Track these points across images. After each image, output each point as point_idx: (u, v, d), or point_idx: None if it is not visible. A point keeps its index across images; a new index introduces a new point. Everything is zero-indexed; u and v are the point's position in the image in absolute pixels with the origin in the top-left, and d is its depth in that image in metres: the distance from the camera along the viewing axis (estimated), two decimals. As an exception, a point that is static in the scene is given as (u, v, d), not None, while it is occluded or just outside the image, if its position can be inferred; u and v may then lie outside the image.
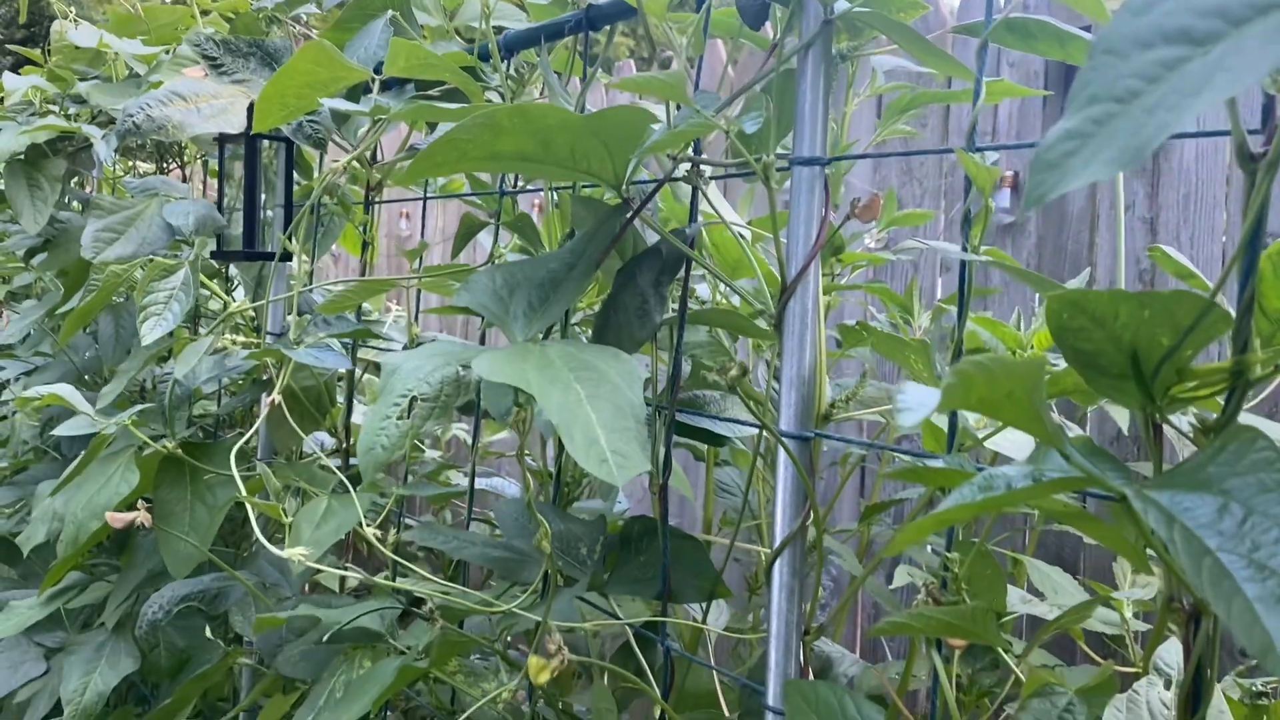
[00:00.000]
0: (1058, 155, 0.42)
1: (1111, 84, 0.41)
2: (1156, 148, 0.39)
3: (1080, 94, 0.42)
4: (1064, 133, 0.42)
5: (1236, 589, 0.42)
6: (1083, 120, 0.42)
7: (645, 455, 0.66)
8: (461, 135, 0.72)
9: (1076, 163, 0.41)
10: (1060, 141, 0.42)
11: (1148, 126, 0.40)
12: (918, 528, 0.52)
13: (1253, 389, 0.56)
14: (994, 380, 0.46)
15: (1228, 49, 0.39)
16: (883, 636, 1.68)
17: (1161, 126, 0.40)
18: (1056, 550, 1.79)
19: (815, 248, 0.77)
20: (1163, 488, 0.48)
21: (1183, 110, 0.39)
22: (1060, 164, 0.41)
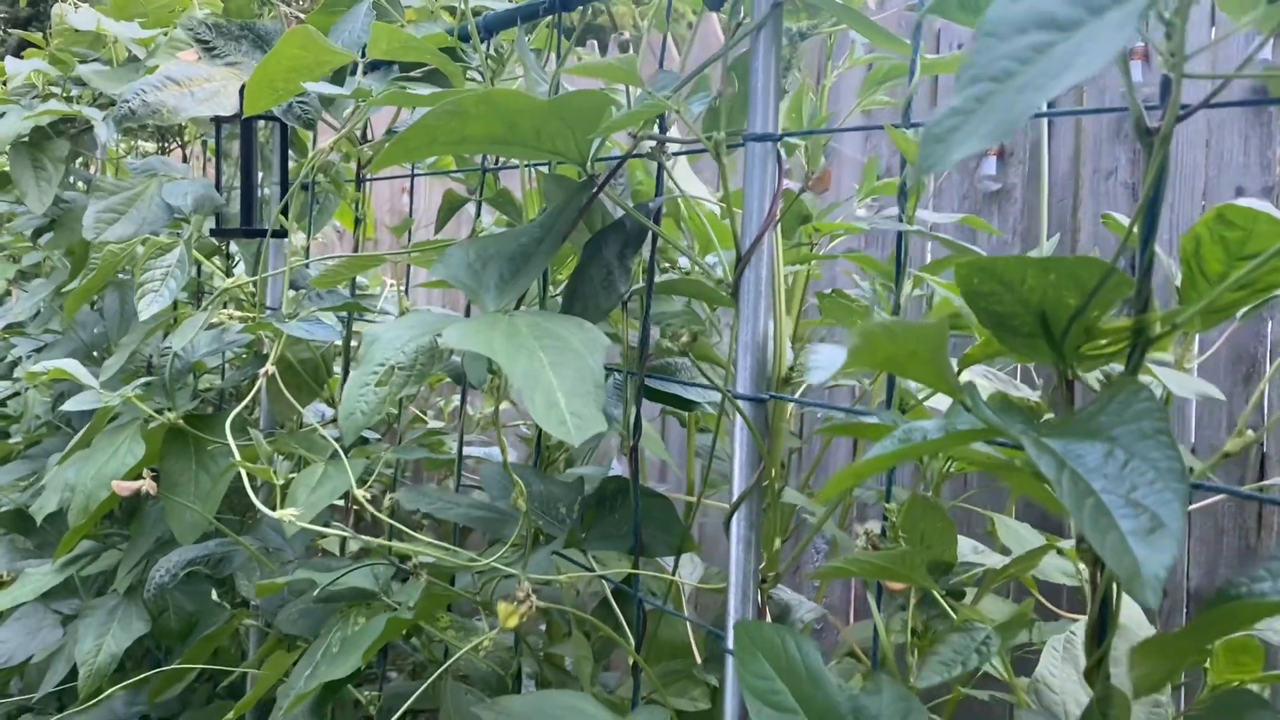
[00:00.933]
0: (944, 130, 0.46)
1: (990, 65, 0.46)
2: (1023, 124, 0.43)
3: (965, 73, 0.47)
4: (950, 110, 0.46)
5: (1113, 524, 0.47)
6: (966, 98, 0.46)
7: (602, 417, 0.71)
8: (432, 122, 0.77)
9: (959, 136, 0.45)
10: (947, 118, 0.46)
11: (1019, 104, 0.44)
12: (846, 475, 0.57)
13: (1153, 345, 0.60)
14: (898, 340, 0.51)
15: (1087, 34, 0.43)
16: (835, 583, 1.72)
17: (1030, 104, 0.44)
18: (1042, 513, 1.84)
19: (768, 220, 0.81)
20: (1058, 436, 0.53)
21: (1048, 90, 0.44)
22: (946, 138, 0.46)
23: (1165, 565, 0.44)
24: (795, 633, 0.69)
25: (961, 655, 0.65)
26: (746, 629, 0.72)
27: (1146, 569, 0.44)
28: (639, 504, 0.97)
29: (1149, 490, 0.48)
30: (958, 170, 2.42)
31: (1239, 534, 1.94)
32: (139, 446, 1.53)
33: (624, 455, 0.97)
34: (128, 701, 1.93)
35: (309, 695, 1.03)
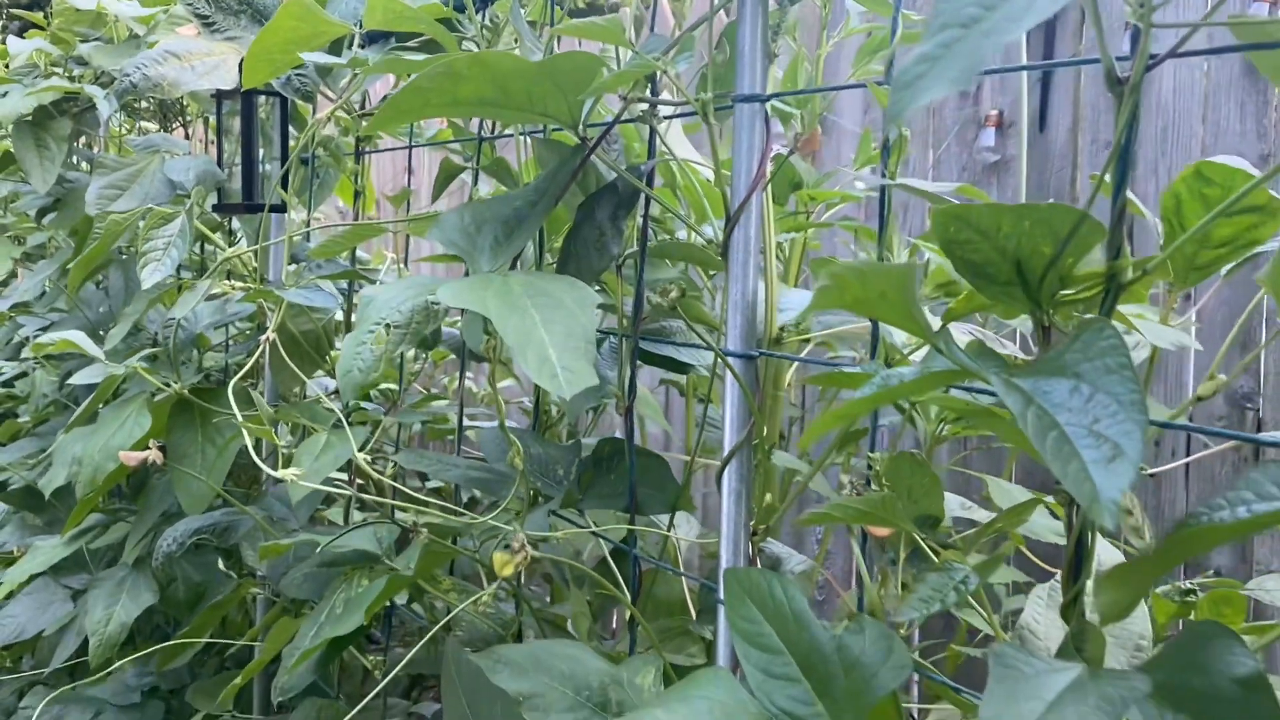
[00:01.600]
0: (911, 77, 0.48)
1: (958, 12, 0.47)
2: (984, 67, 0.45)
3: (935, 21, 0.48)
4: (919, 56, 0.48)
5: (1075, 454, 0.49)
6: (934, 45, 0.48)
7: (593, 371, 0.72)
8: (424, 84, 0.78)
9: (926, 82, 0.47)
10: (915, 65, 0.48)
11: (984, 47, 0.46)
12: (826, 420, 0.59)
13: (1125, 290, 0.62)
14: (867, 282, 0.53)
15: (1046, -18, 0.45)
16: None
17: (994, 47, 0.46)
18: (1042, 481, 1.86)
19: (756, 179, 0.83)
20: (1027, 375, 0.55)
21: (1011, 32, 0.45)
22: (913, 84, 0.48)
23: (1121, 489, 0.46)
24: (781, 577, 0.71)
25: (940, 593, 0.67)
26: (736, 575, 0.74)
27: (1104, 494, 0.46)
28: (634, 463, 0.99)
29: (1111, 421, 0.50)
30: (957, 142, 2.43)
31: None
32: (145, 419, 1.55)
33: (617, 413, 0.99)
34: (138, 673, 1.97)
35: (314, 651, 1.05)
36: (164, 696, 1.93)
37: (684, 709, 0.66)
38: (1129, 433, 0.49)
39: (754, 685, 0.69)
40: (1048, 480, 1.84)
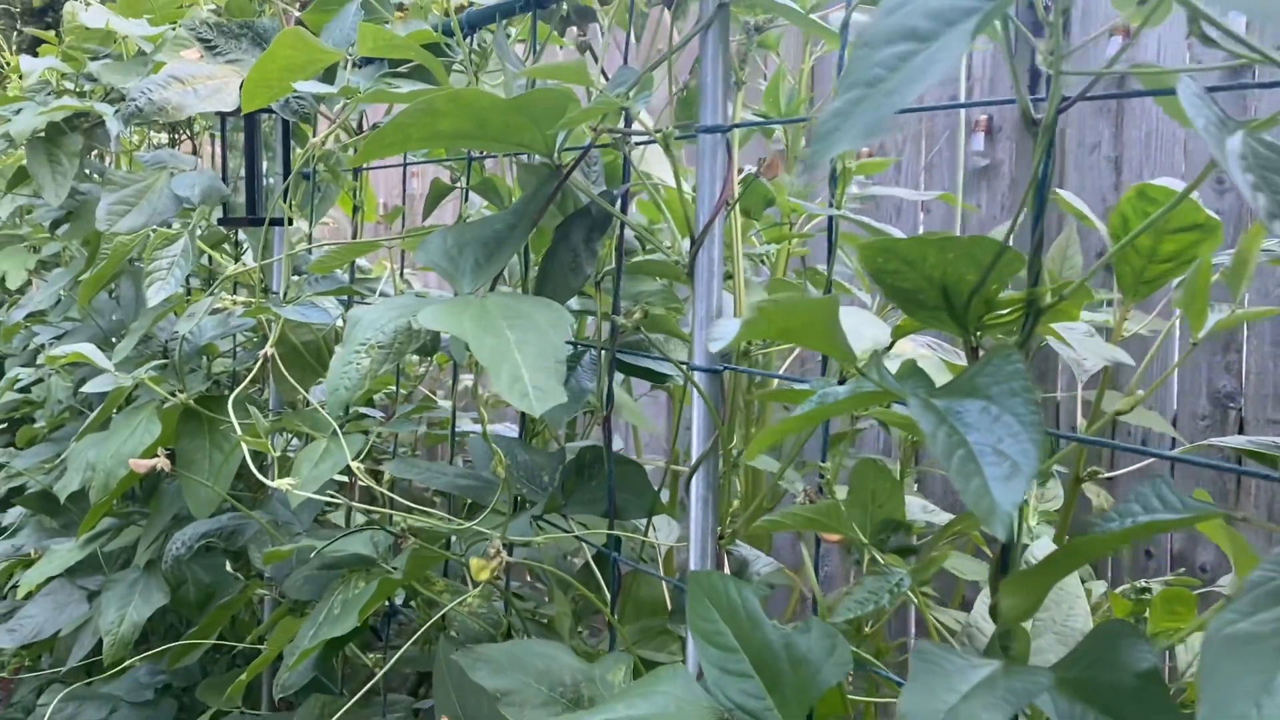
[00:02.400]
0: (826, 130, 0.53)
1: (865, 72, 0.52)
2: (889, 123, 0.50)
3: (845, 79, 0.53)
4: (832, 111, 0.53)
5: (978, 471, 0.54)
6: (844, 102, 0.53)
7: (562, 389, 0.78)
8: (406, 120, 0.84)
9: (838, 135, 0.52)
10: (829, 119, 0.53)
11: (886, 106, 0.51)
12: (770, 433, 0.64)
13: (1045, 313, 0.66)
14: (792, 313, 0.58)
15: (940, 45, 0.50)
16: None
17: (895, 105, 0.51)
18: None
19: (718, 205, 0.88)
20: (944, 396, 0.60)
21: (908, 93, 0.50)
22: (828, 136, 0.53)
23: (1016, 503, 0.51)
24: (737, 581, 0.76)
25: (875, 595, 0.72)
26: (698, 578, 0.79)
27: (1001, 507, 0.51)
28: (612, 471, 1.05)
29: (1013, 441, 0.55)
30: (948, 146, 2.47)
31: (1219, 495, 2.00)
32: (155, 426, 1.61)
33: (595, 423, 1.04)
34: (151, 671, 2.03)
35: (312, 651, 1.11)
36: (176, 694, 2.00)
37: (644, 704, 0.71)
38: (1026, 451, 0.54)
39: (711, 681, 0.74)
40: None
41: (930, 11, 0.50)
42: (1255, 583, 0.45)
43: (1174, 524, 0.54)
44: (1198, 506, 0.53)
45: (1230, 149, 0.51)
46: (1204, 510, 0.53)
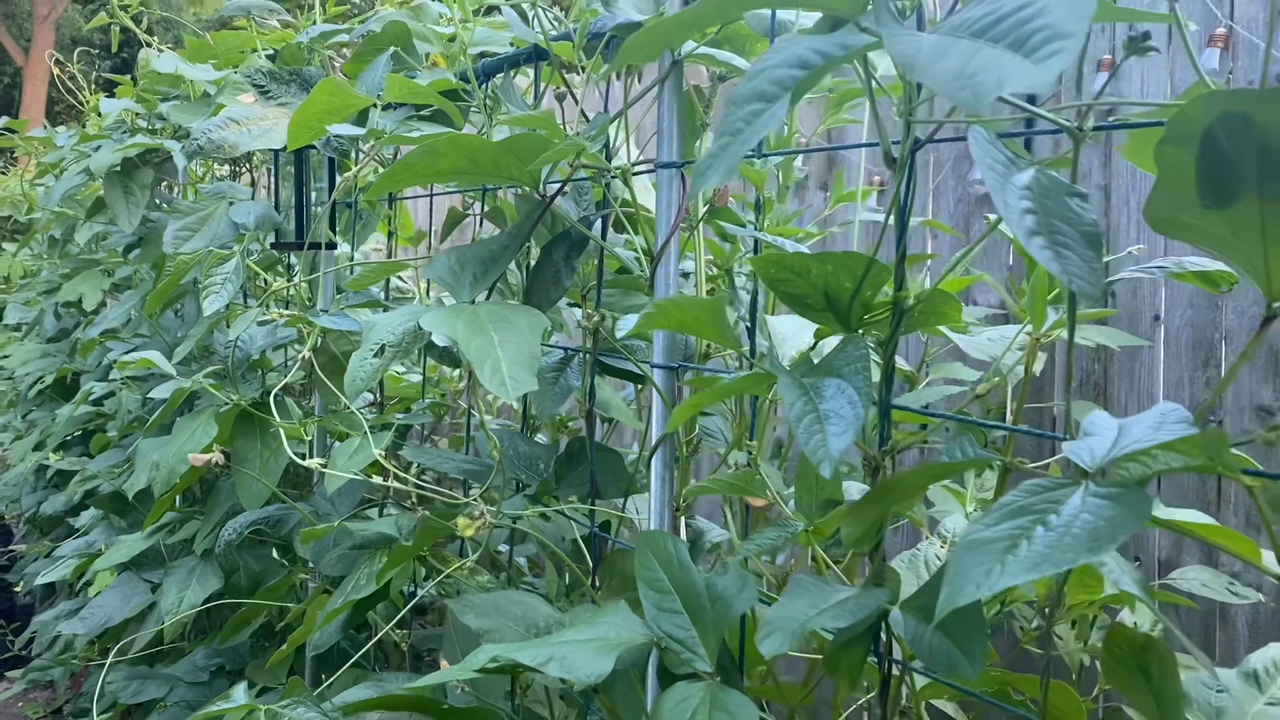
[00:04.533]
0: (703, 169, 0.70)
1: (730, 125, 0.69)
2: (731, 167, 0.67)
3: (720, 128, 0.70)
4: (707, 154, 0.70)
5: (822, 429, 0.70)
6: (716, 146, 0.70)
7: (534, 379, 0.95)
8: (411, 160, 1.02)
9: (710, 174, 0.69)
10: (705, 160, 0.70)
11: (740, 153, 0.68)
12: (683, 409, 0.81)
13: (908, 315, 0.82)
14: (685, 310, 0.74)
15: (779, 105, 0.67)
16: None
17: (744, 152, 0.67)
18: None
19: (673, 227, 1.05)
20: (812, 374, 0.76)
21: (753, 141, 0.67)
22: (703, 174, 0.69)
23: (843, 451, 0.67)
24: (674, 537, 0.93)
25: (773, 540, 0.88)
26: (645, 537, 0.95)
27: (831, 454, 0.67)
28: (594, 458, 1.21)
29: (850, 407, 0.71)
30: (953, 175, 2.61)
31: (1201, 504, 2.11)
32: (212, 428, 1.82)
33: (580, 415, 1.21)
34: (206, 655, 2.23)
35: (339, 612, 1.29)
36: (229, 675, 2.19)
37: (590, 631, 0.88)
38: (858, 414, 0.70)
39: (649, 617, 0.90)
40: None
41: (774, 79, 0.67)
42: (1002, 504, 0.61)
43: (957, 466, 0.69)
44: (979, 455, 0.68)
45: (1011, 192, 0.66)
46: (984, 457, 0.68)
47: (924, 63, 0.54)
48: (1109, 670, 0.76)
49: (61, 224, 3.55)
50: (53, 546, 3.51)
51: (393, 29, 1.52)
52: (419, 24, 1.56)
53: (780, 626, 0.71)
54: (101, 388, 3.11)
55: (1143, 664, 0.75)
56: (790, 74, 0.66)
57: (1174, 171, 0.63)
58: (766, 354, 0.77)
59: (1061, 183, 0.69)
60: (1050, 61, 0.48)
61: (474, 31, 1.49)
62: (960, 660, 0.70)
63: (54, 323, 3.99)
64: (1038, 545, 0.56)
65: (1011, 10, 0.54)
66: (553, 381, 1.22)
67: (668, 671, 0.93)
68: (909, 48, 0.55)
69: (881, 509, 0.73)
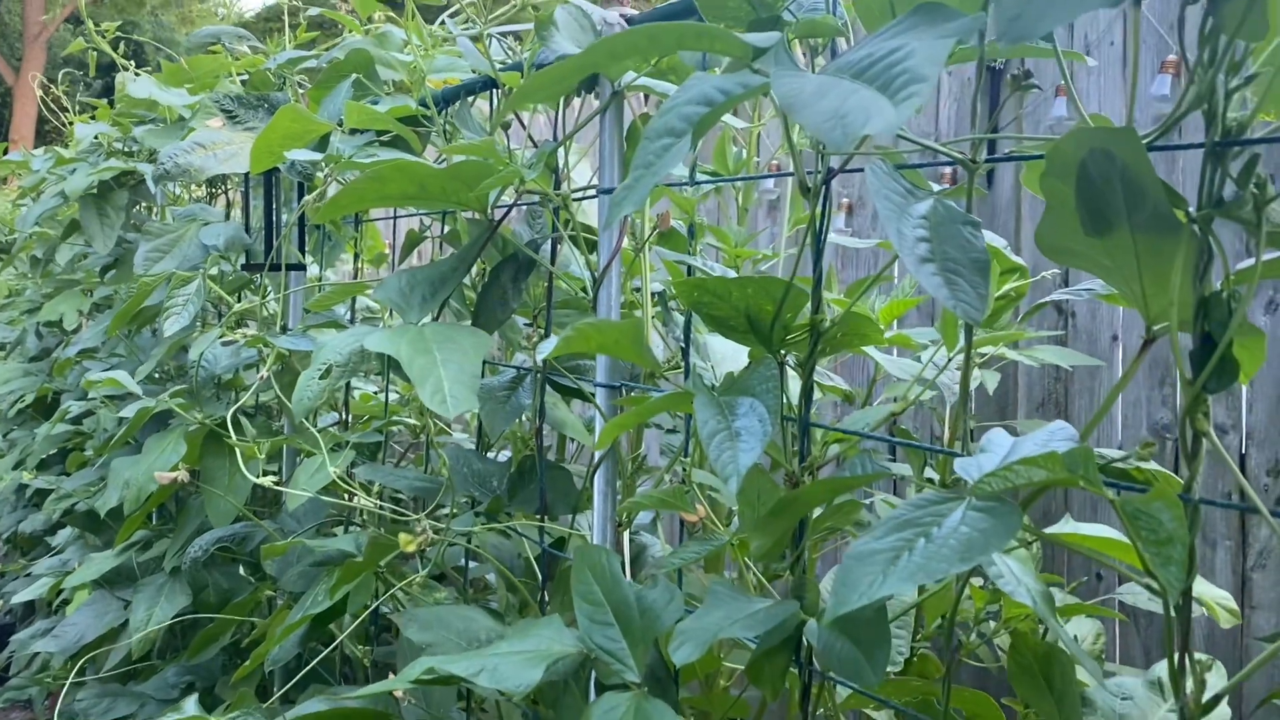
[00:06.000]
0: (618, 199, 0.73)
1: (643, 158, 0.73)
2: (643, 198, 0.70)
3: (634, 162, 0.74)
4: (623, 185, 0.73)
5: (733, 447, 0.73)
6: (631, 178, 0.73)
7: (474, 398, 0.98)
8: (359, 185, 1.05)
9: (624, 203, 0.72)
10: (620, 191, 0.73)
11: (650, 183, 0.71)
12: (611, 428, 0.84)
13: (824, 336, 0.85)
14: (604, 332, 0.78)
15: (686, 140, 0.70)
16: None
17: (655, 182, 0.71)
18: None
19: (614, 252, 1.08)
20: (727, 393, 0.79)
21: (660, 175, 0.70)
22: (619, 202, 0.73)
23: (749, 465, 0.70)
24: (608, 551, 0.96)
25: (697, 553, 0.91)
26: (581, 552, 0.98)
27: (739, 469, 0.71)
28: (544, 474, 1.24)
29: (759, 424, 0.74)
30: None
31: (1159, 522, 2.14)
32: (181, 447, 1.84)
33: (530, 432, 1.24)
34: (177, 673, 2.24)
35: (296, 627, 1.31)
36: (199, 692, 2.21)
37: (523, 643, 0.91)
38: (766, 431, 0.73)
39: (583, 629, 0.93)
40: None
41: (682, 115, 0.71)
42: (890, 516, 0.64)
43: (857, 481, 0.73)
44: (877, 469, 0.72)
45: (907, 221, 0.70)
46: (882, 472, 0.72)
47: (804, 103, 0.58)
48: (1014, 677, 0.79)
49: (43, 244, 3.58)
50: (31, 565, 3.52)
51: (355, 56, 1.56)
52: (382, 51, 1.60)
53: (693, 636, 0.74)
54: (79, 407, 3.13)
55: (1045, 671, 0.78)
56: (697, 111, 0.70)
57: (1059, 201, 0.67)
58: (694, 374, 0.81)
59: (957, 212, 0.72)
60: (907, 103, 0.52)
61: (435, 59, 1.53)
62: (864, 667, 0.73)
63: (36, 342, 4.00)
64: (917, 557, 0.60)
65: (884, 54, 0.57)
66: (504, 400, 1.25)
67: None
68: (792, 89, 0.59)
69: (788, 522, 0.76)
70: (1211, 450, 0.59)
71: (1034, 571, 0.79)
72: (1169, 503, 0.55)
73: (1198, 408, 0.58)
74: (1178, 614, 0.59)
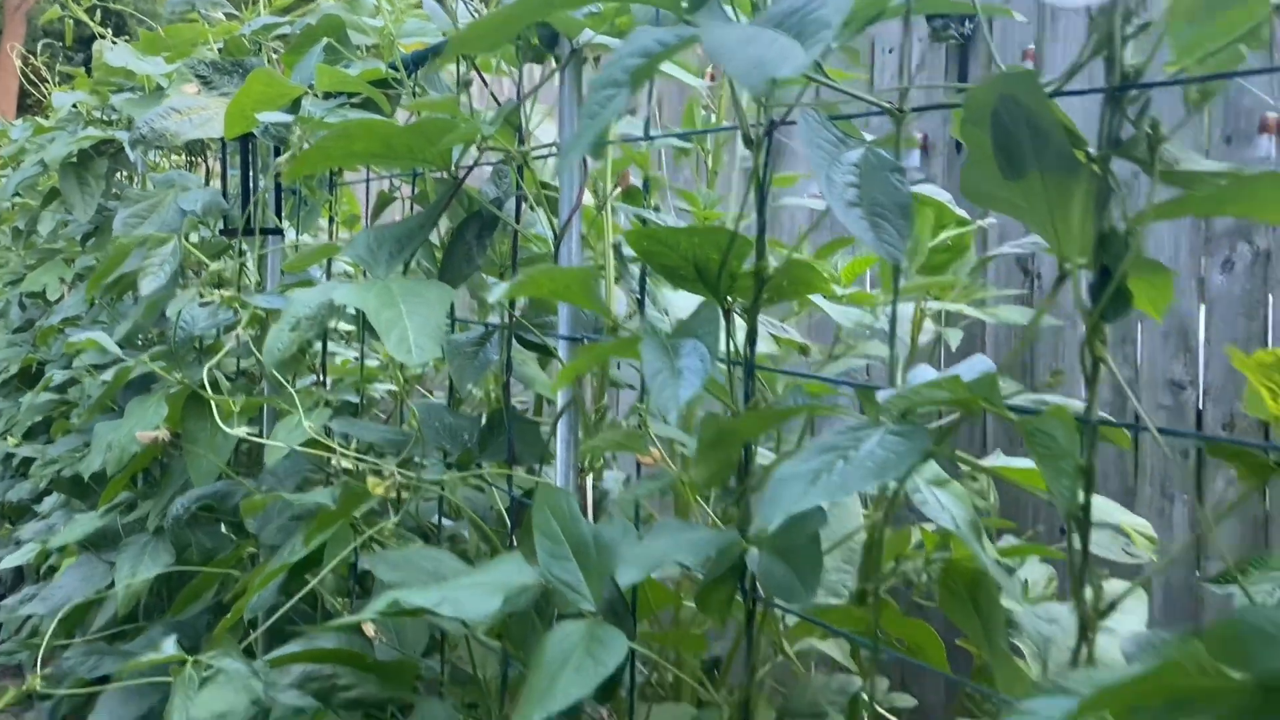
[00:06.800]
0: (569, 146, 0.77)
1: (589, 107, 0.76)
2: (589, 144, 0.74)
3: (582, 112, 0.77)
4: (573, 133, 0.77)
5: (674, 383, 0.78)
6: (581, 127, 0.77)
7: (438, 348, 1.02)
8: (326, 143, 1.09)
9: (574, 150, 0.77)
10: (571, 140, 0.77)
11: (596, 130, 0.75)
12: (565, 373, 0.88)
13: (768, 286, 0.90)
14: (555, 278, 0.82)
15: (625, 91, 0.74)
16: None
17: (600, 129, 0.74)
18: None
19: (574, 207, 1.12)
20: (674, 337, 0.84)
21: (608, 120, 0.74)
22: (569, 151, 0.77)
23: (688, 399, 0.75)
24: (568, 493, 1.00)
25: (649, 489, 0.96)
26: (541, 491, 1.03)
27: (679, 401, 0.75)
28: (511, 427, 1.29)
29: (700, 363, 0.79)
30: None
31: (1119, 477, 2.20)
32: (163, 409, 1.88)
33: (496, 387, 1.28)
34: (162, 631, 2.29)
35: (275, 575, 1.36)
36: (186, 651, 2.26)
37: (484, 576, 0.95)
38: (705, 368, 0.78)
39: (542, 563, 0.97)
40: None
41: (625, 68, 0.74)
42: (816, 443, 0.69)
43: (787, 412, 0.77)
44: (805, 403, 0.76)
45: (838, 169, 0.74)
46: (808, 405, 0.76)
47: (730, 52, 0.62)
48: (944, 601, 0.84)
49: (25, 216, 3.59)
50: (18, 532, 3.56)
51: (327, 21, 1.58)
52: (354, 16, 1.63)
53: (637, 561, 0.79)
54: (63, 375, 3.16)
55: (973, 595, 0.83)
56: (637, 62, 0.73)
57: (978, 147, 0.71)
58: (645, 321, 0.85)
59: (886, 159, 0.76)
60: (816, 47, 0.56)
61: (405, 23, 1.56)
62: (798, 587, 0.77)
63: (20, 313, 4.02)
64: (836, 476, 0.64)
65: (802, 5, 0.61)
66: (472, 355, 1.29)
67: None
68: (719, 38, 0.63)
69: (726, 452, 0.81)
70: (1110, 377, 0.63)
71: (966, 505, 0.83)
72: (1062, 420, 0.59)
73: (1096, 335, 0.62)
74: (1078, 528, 0.64)
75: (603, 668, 0.84)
